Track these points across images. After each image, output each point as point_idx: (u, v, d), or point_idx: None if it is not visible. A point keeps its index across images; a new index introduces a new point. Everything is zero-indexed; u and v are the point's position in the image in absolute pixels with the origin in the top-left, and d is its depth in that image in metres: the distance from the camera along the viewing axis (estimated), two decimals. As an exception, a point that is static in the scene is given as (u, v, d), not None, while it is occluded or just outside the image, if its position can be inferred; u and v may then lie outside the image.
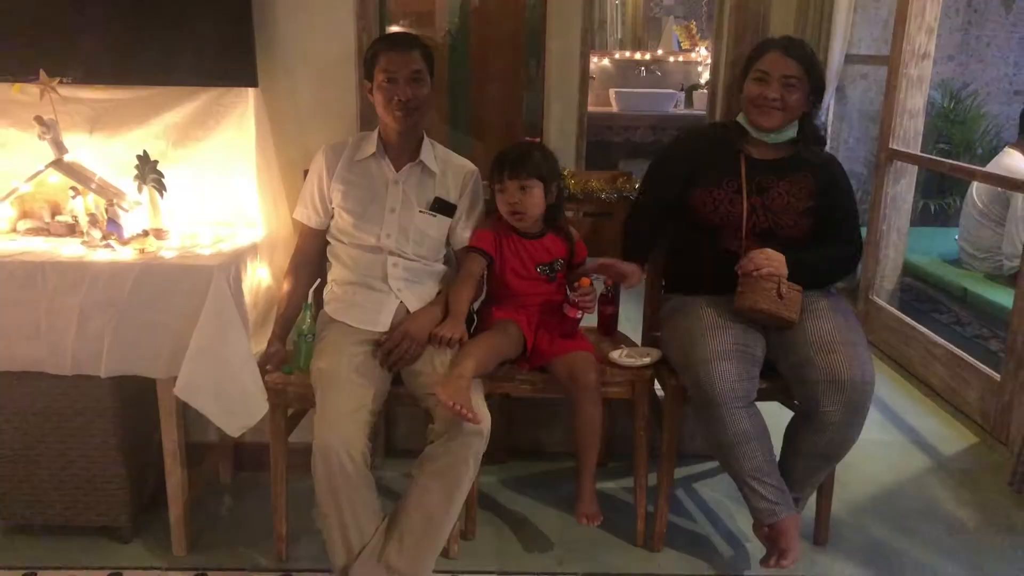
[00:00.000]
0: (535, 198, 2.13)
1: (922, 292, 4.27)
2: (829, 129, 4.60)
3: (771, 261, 2.07)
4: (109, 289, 1.97)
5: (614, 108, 5.84)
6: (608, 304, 2.47)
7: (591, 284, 2.18)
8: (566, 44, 4.65)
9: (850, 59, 4.37)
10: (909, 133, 3.70)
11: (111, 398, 2.10)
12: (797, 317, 2.08)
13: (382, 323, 2.08)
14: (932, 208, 4.81)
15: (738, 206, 2.17)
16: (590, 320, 2.42)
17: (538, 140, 2.25)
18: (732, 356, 2.02)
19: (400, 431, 2.66)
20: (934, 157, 3.91)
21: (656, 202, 2.30)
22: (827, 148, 2.33)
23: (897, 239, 3.87)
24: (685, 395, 2.12)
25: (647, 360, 2.20)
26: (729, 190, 2.18)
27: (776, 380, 2.13)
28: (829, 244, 2.22)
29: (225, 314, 1.98)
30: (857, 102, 4.64)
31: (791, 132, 2.19)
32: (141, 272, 1.97)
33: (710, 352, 2.02)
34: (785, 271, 2.09)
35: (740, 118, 2.22)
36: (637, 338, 2.53)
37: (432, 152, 2.21)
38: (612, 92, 5.85)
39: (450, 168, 2.23)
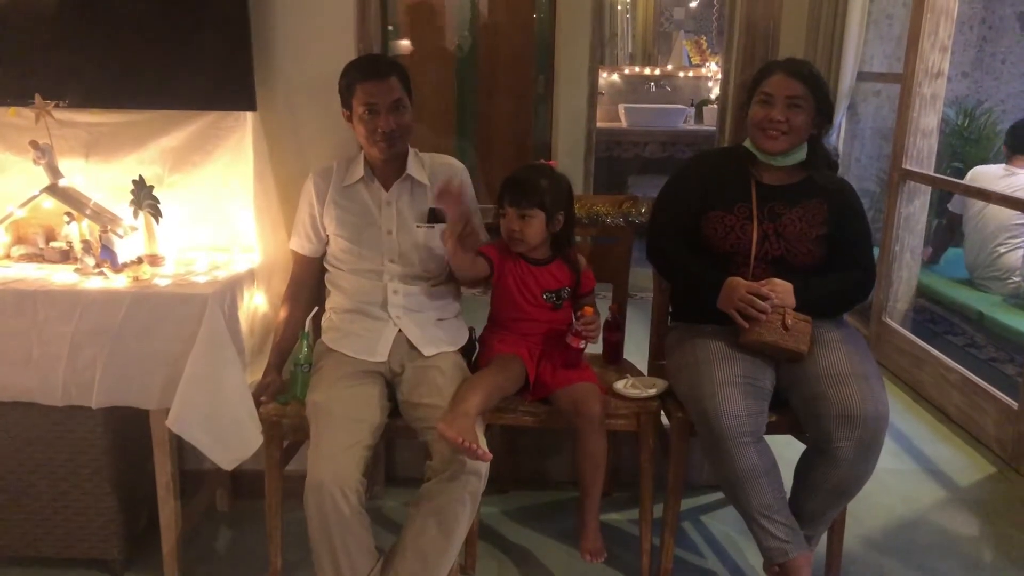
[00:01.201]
0: (535, 227, 2.08)
1: (936, 313, 4.20)
2: (841, 147, 4.53)
3: (776, 291, 2.01)
4: (101, 318, 1.93)
5: (623, 124, 5.82)
6: (613, 331, 2.41)
7: (595, 313, 2.12)
8: (575, 59, 4.64)
9: (862, 76, 4.29)
10: (923, 153, 3.63)
11: (103, 428, 2.06)
12: (806, 348, 2.01)
13: (380, 353, 2.03)
14: (935, 223, 4.71)
15: (749, 233, 2.11)
16: (595, 347, 2.36)
17: (553, 163, 2.19)
18: (740, 389, 1.96)
19: (401, 458, 2.61)
20: (948, 178, 3.84)
21: (671, 227, 2.22)
22: (839, 166, 2.26)
23: (911, 260, 3.79)
24: (692, 428, 2.06)
25: (653, 391, 2.14)
26: (740, 216, 2.12)
27: (786, 413, 2.06)
28: (841, 271, 2.15)
29: (219, 344, 1.93)
30: (870, 119, 4.58)
31: (800, 155, 2.14)
32: (134, 301, 1.93)
33: (717, 385, 1.95)
34: (792, 301, 2.03)
35: (747, 143, 2.16)
36: (643, 365, 2.47)
37: (418, 163, 2.16)
38: (621, 107, 5.82)
39: (437, 173, 2.17)
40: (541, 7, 5.01)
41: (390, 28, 5.05)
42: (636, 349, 2.53)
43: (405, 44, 5.16)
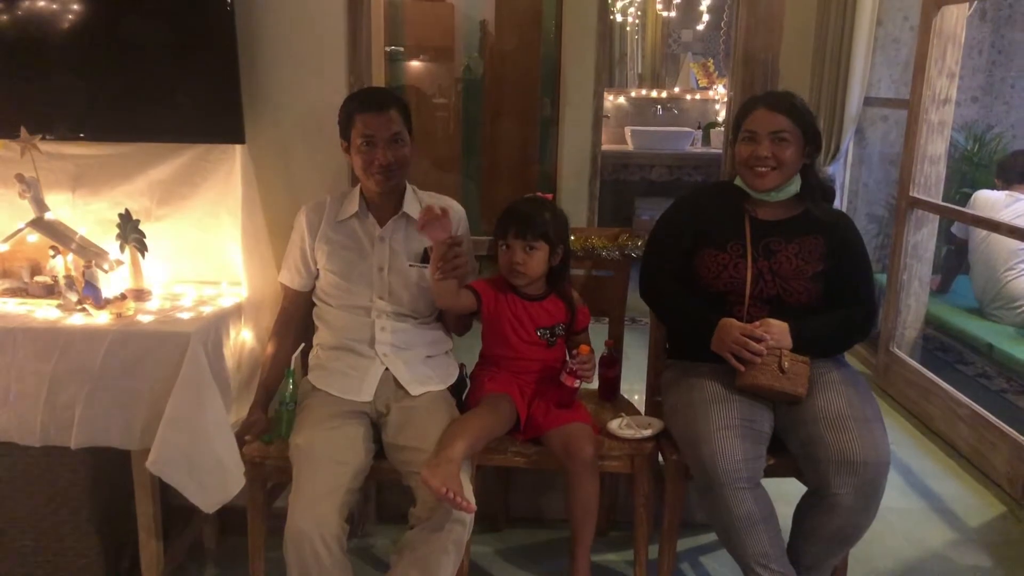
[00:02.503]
0: (538, 260, 2.04)
1: (944, 342, 4.12)
2: (849, 172, 4.48)
3: (772, 332, 1.95)
4: (81, 356, 1.89)
5: (630, 146, 5.78)
6: (609, 367, 2.35)
7: (590, 352, 2.07)
8: (581, 82, 4.61)
9: (869, 102, 4.26)
10: (930, 180, 3.56)
11: (84, 468, 2.02)
12: (804, 391, 1.95)
13: (365, 392, 1.98)
14: (943, 250, 4.63)
15: (743, 271, 2.05)
16: (591, 383, 2.31)
17: (550, 196, 2.15)
18: (737, 433, 1.90)
19: (391, 496, 2.54)
20: (956, 207, 3.76)
21: (664, 266, 2.17)
22: (846, 192, 2.20)
23: (919, 288, 3.72)
24: (688, 471, 1.99)
25: (648, 432, 2.08)
26: (734, 254, 2.07)
27: (785, 456, 2.00)
28: (840, 309, 2.09)
29: (201, 383, 1.89)
30: (878, 144, 4.51)
31: (793, 188, 2.08)
32: (115, 338, 1.89)
33: (713, 428, 1.89)
34: (788, 342, 1.97)
35: (738, 180, 2.11)
36: (640, 401, 2.41)
37: (416, 200, 2.13)
38: (628, 130, 5.79)
39: None
40: (547, 30, 4.99)
41: (399, 49, 5.06)
42: (637, 376, 2.46)
43: (413, 66, 5.16)
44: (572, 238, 2.35)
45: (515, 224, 2.03)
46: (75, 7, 2.08)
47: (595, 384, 2.30)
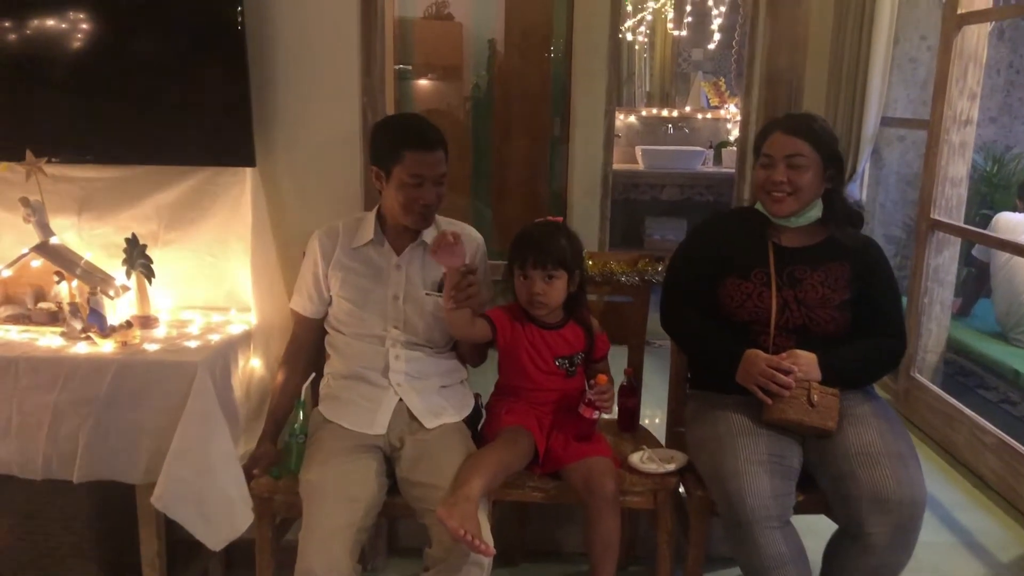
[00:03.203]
0: (559, 289, 1.98)
1: (965, 366, 4.03)
2: (865, 193, 4.40)
3: (799, 364, 1.88)
4: (85, 387, 1.83)
5: (640, 166, 5.72)
6: (629, 396, 2.28)
7: (609, 382, 2.00)
8: (592, 101, 4.58)
9: (886, 122, 4.18)
10: (952, 202, 3.49)
11: (87, 501, 1.95)
12: (834, 425, 1.88)
13: (379, 425, 1.91)
14: (973, 274, 4.57)
15: (767, 301, 1.98)
16: (610, 413, 2.24)
17: (561, 220, 2.09)
18: (765, 468, 1.82)
19: (404, 528, 2.47)
20: (979, 230, 3.69)
21: (685, 295, 2.10)
22: (863, 218, 2.12)
23: (940, 312, 3.64)
24: (713, 507, 1.91)
25: (671, 467, 2.00)
26: (758, 283, 2.00)
27: (815, 492, 1.92)
28: (869, 338, 2.01)
29: (209, 415, 1.82)
30: (895, 165, 4.45)
31: (814, 213, 2.02)
32: (120, 368, 1.83)
33: (741, 464, 1.82)
34: (817, 374, 1.89)
35: (759, 206, 2.05)
36: (660, 432, 2.34)
37: (434, 229, 2.06)
38: (638, 149, 5.74)
39: None
40: (557, 48, 4.96)
41: (407, 68, 5.03)
42: (655, 402, 2.38)
43: (421, 84, 5.13)
44: (590, 263, 2.29)
45: (532, 253, 1.96)
46: (82, 26, 2.03)
47: (614, 414, 2.23)
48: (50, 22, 2.03)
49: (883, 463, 1.80)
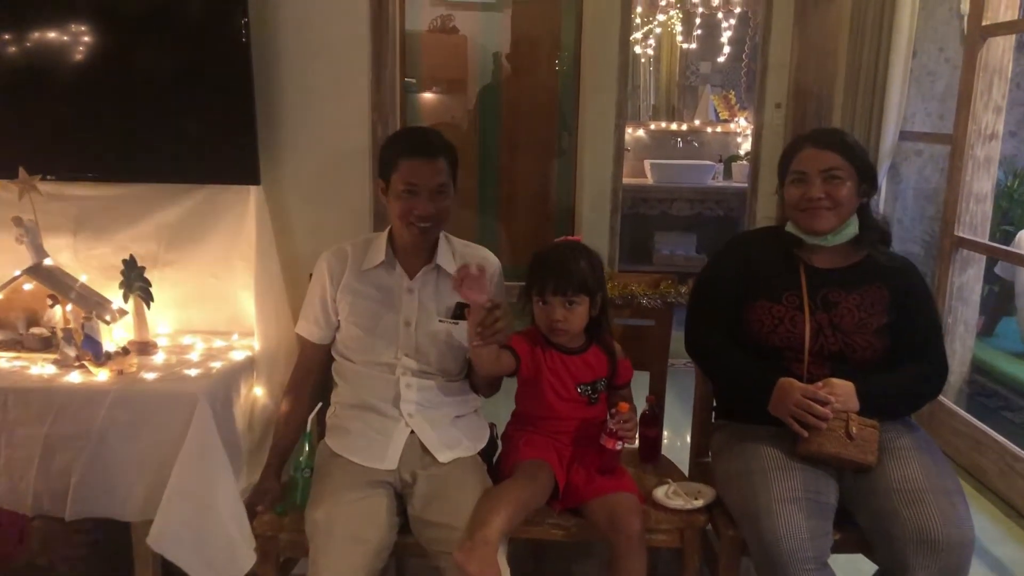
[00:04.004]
0: (580, 315, 1.87)
1: (989, 387, 3.92)
2: (883, 209, 4.30)
3: (836, 394, 1.77)
4: (78, 419, 1.74)
5: (649, 180, 5.65)
6: (651, 426, 2.16)
7: (631, 410, 1.89)
8: (600, 115, 4.50)
9: (905, 136, 4.08)
10: (976, 219, 3.38)
11: (80, 537, 1.84)
12: (874, 459, 1.77)
13: (389, 459, 1.80)
14: (995, 292, 4.46)
15: (800, 326, 1.87)
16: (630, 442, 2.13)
17: (579, 239, 1.98)
18: (800, 506, 1.70)
19: (415, 568, 2.35)
20: (1006, 248, 3.58)
21: (712, 319, 1.99)
22: (892, 236, 2.02)
23: (964, 333, 3.52)
24: (744, 547, 1.80)
25: (699, 503, 1.89)
26: (790, 306, 1.89)
27: (853, 530, 1.80)
28: (907, 365, 1.90)
29: (209, 449, 1.72)
30: (912, 180, 4.35)
31: (851, 230, 1.92)
32: (116, 399, 1.73)
33: (774, 502, 1.70)
34: (855, 404, 1.78)
35: (789, 227, 1.95)
36: (683, 462, 2.22)
37: (448, 250, 1.96)
38: (647, 163, 5.67)
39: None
40: (564, 61, 4.89)
41: (412, 81, 4.96)
42: (678, 431, 2.26)
43: (427, 98, 5.06)
44: (610, 285, 2.19)
45: (552, 278, 1.86)
46: (78, 39, 1.95)
47: (635, 443, 2.12)
48: (46, 35, 1.94)
49: (928, 500, 1.69)
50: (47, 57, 1.95)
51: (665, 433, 2.23)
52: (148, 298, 1.95)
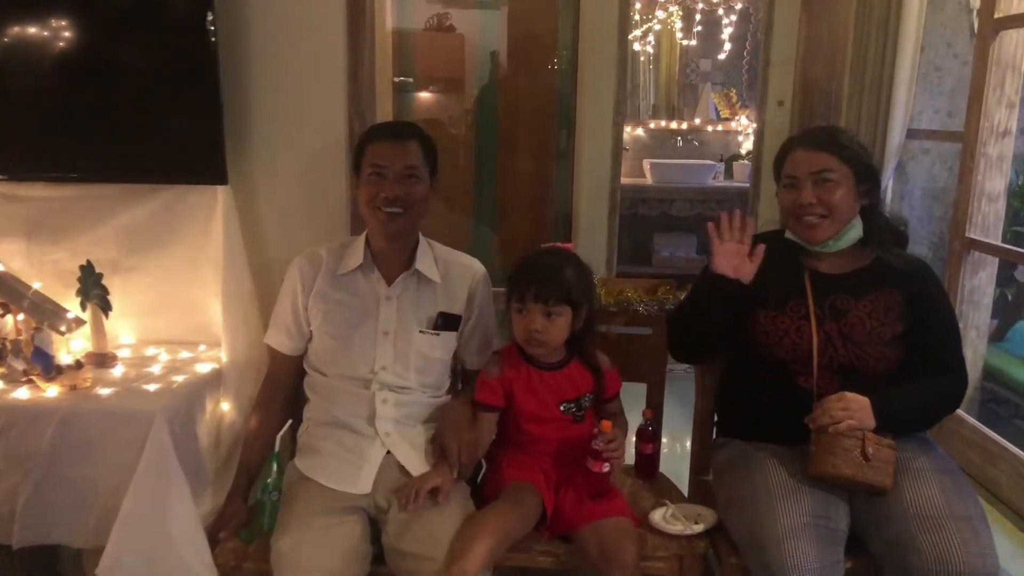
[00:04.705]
0: (560, 327, 1.73)
1: (999, 393, 3.79)
2: (889, 208, 4.17)
3: (851, 411, 1.64)
4: (25, 439, 1.62)
5: (648, 180, 5.54)
6: (647, 442, 2.03)
7: (617, 427, 1.74)
8: (598, 114, 4.38)
9: (912, 134, 3.95)
10: (988, 219, 3.25)
11: (20, 567, 1.71)
12: (891, 481, 1.63)
13: (362, 482, 1.67)
14: (1008, 296, 4.31)
15: (807, 336, 1.74)
16: (627, 456, 1.99)
17: (570, 245, 1.85)
18: (809, 533, 1.57)
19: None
20: (1022, 251, 3.44)
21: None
22: (908, 237, 1.88)
23: (976, 338, 3.39)
24: (748, 576, 1.66)
25: (699, 527, 1.75)
26: (795, 316, 1.76)
27: (865, 558, 1.67)
28: (924, 376, 1.77)
29: (165, 472, 1.59)
30: (920, 179, 4.22)
31: (853, 234, 1.78)
32: (65, 418, 1.61)
33: (781, 529, 1.57)
34: (871, 422, 1.65)
35: (788, 233, 1.82)
36: (682, 480, 2.08)
37: (430, 256, 1.83)
38: (646, 163, 5.55)
39: (453, 272, 1.86)
40: (562, 59, 4.78)
41: (409, 80, 4.85)
42: (677, 445, 2.12)
43: (423, 97, 4.96)
44: (603, 291, 2.05)
45: (534, 284, 1.72)
46: (34, 34, 1.81)
47: (630, 458, 1.99)
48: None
49: (948, 527, 1.56)
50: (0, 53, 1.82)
51: (665, 442, 2.09)
52: (106, 307, 1.82)
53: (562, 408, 1.78)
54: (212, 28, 1.80)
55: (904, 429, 1.73)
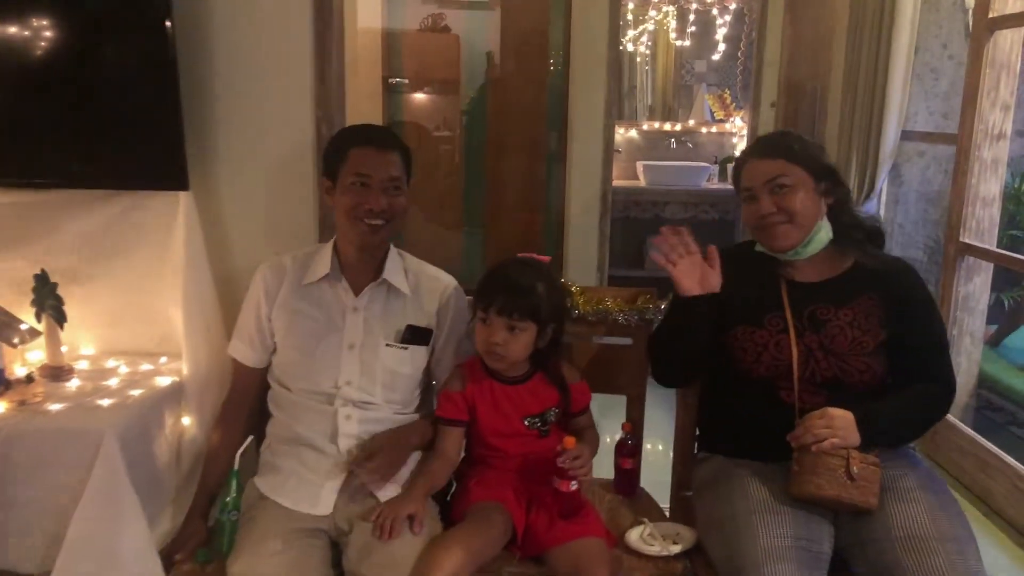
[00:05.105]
0: (522, 343, 1.66)
1: (995, 401, 3.72)
2: (884, 212, 4.10)
3: (835, 428, 1.56)
4: (-31, 458, 1.52)
5: (642, 182, 5.46)
6: (627, 456, 1.96)
7: (578, 444, 1.66)
8: (590, 115, 4.32)
9: (907, 136, 3.88)
10: (983, 224, 3.19)
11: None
12: (877, 501, 1.56)
13: (323, 504, 1.60)
14: (1006, 303, 4.25)
15: (786, 351, 1.67)
16: (607, 472, 1.94)
17: (547, 260, 1.78)
18: (791, 556, 1.50)
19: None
20: (1018, 256, 3.36)
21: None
22: (884, 233, 1.82)
23: (970, 345, 3.32)
24: (729, 601, 1.59)
25: (677, 548, 1.68)
26: (774, 330, 1.69)
27: (849, 580, 1.60)
28: (909, 384, 1.69)
29: (115, 493, 1.52)
30: (915, 182, 4.14)
31: (823, 235, 1.72)
32: (10, 435, 1.54)
33: (761, 551, 1.50)
34: (856, 438, 1.58)
35: (758, 246, 1.76)
36: (664, 495, 2.01)
37: (400, 266, 1.76)
38: (640, 165, 5.48)
39: (424, 284, 1.79)
40: (554, 60, 4.72)
41: (404, 82, 4.79)
42: (660, 457, 2.05)
43: (417, 98, 4.90)
44: (581, 300, 1.98)
45: (500, 296, 1.65)
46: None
47: (590, 478, 1.91)
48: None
49: (936, 550, 1.49)
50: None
51: (649, 449, 2.01)
52: (60, 318, 1.75)
53: (527, 423, 1.71)
54: (170, 27, 1.72)
55: (892, 442, 1.66)
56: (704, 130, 5.55)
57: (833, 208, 1.74)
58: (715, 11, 5.34)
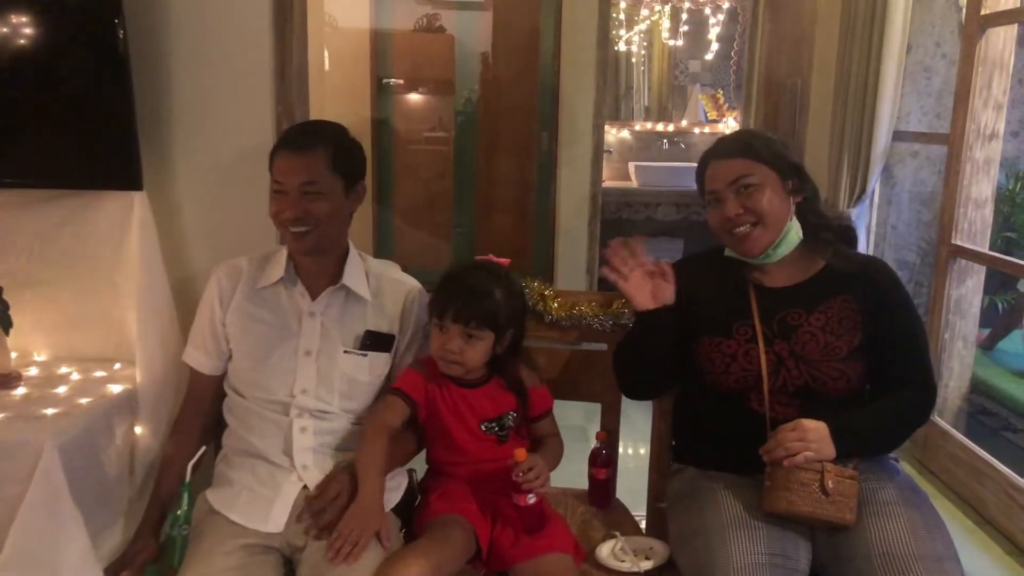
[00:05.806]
0: (479, 351, 1.59)
1: (987, 406, 3.65)
2: (876, 214, 4.03)
3: (807, 441, 1.49)
4: (-99, 471, 1.45)
5: (634, 183, 5.40)
6: (601, 467, 1.88)
7: (529, 455, 1.57)
8: (580, 115, 4.29)
9: (899, 136, 3.81)
10: (975, 226, 3.11)
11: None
12: (853, 517, 1.49)
13: (274, 520, 1.52)
14: (1000, 306, 4.18)
15: (756, 361, 1.59)
16: (581, 482, 1.87)
17: (505, 261, 1.71)
18: (766, 574, 1.43)
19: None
20: (1011, 259, 3.30)
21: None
22: (873, 235, 1.76)
23: (963, 349, 3.25)
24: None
25: (648, 565, 1.61)
26: (742, 339, 1.62)
27: (826, 599, 1.53)
28: (887, 390, 1.63)
29: (55, 508, 1.45)
30: (907, 183, 4.08)
31: (793, 236, 1.64)
32: (-54, 447, 1.45)
33: (733, 569, 1.43)
34: (830, 451, 1.51)
35: (728, 252, 1.69)
36: (641, 505, 1.94)
37: (360, 269, 1.69)
38: (632, 166, 5.42)
39: (385, 288, 1.72)
40: (545, 61, 4.67)
41: (399, 82, 4.76)
42: (636, 465, 1.98)
43: (411, 99, 4.86)
44: (555, 304, 1.91)
45: (455, 302, 1.58)
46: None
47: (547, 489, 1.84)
48: None
49: (915, 569, 1.41)
50: None
51: (629, 455, 1.94)
52: (6, 323, 1.68)
53: (483, 427, 1.64)
54: (120, 22, 1.65)
55: (870, 452, 1.59)
56: (697, 131, 5.50)
57: (801, 208, 1.66)
58: (708, 10, 5.28)
